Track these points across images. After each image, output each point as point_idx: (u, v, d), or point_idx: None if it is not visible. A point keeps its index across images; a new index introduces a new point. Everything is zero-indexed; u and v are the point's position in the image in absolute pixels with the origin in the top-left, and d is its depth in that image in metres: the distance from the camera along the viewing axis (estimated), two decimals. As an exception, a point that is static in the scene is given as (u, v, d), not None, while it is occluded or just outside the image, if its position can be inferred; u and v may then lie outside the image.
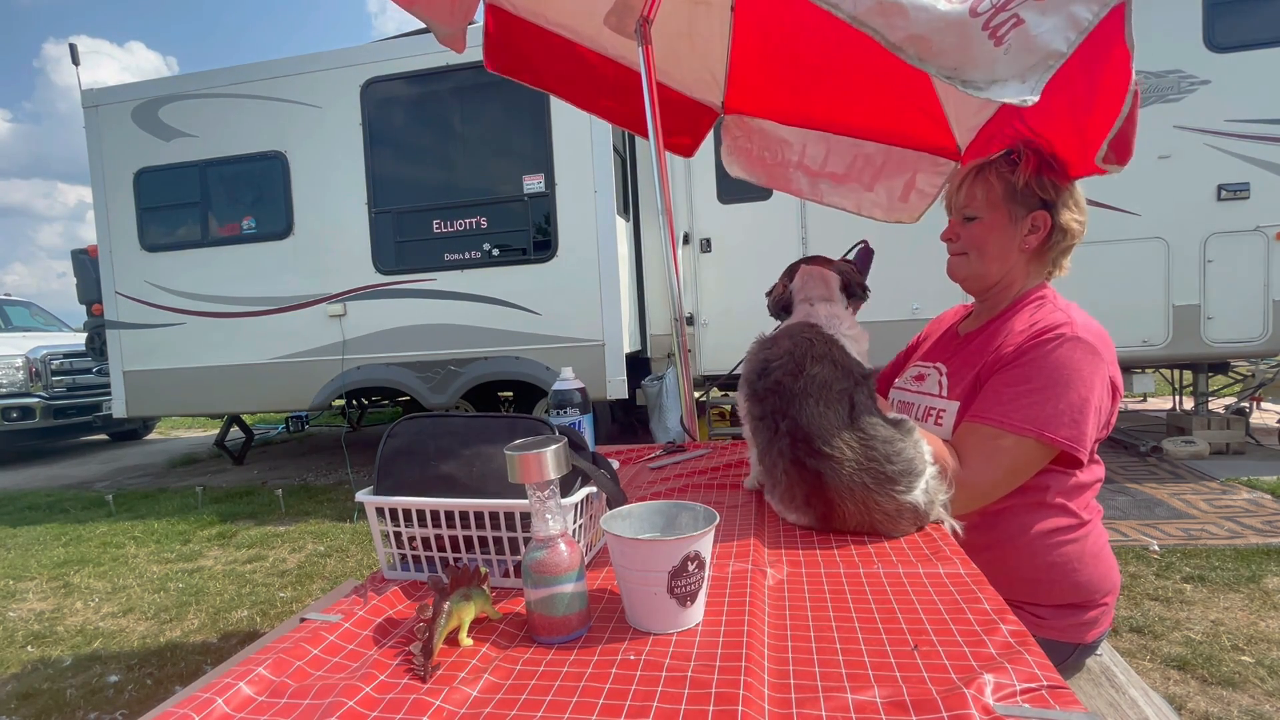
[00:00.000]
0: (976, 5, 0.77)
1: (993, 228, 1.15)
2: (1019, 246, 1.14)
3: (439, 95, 4.61)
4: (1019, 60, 0.77)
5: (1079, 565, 1.11)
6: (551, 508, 0.70)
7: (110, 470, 6.42)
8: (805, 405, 0.95)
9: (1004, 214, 1.14)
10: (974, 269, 1.19)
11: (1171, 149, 3.89)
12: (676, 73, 1.93)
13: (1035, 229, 1.13)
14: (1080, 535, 1.11)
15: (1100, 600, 1.13)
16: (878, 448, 0.92)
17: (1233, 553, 2.75)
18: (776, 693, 0.57)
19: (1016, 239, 1.14)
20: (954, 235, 1.21)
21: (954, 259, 1.22)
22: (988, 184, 1.14)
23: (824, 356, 0.99)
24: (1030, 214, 1.12)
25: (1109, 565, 1.15)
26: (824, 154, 1.91)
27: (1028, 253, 1.15)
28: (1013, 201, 1.13)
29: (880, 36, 0.79)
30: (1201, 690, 1.87)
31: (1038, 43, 0.76)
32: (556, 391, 1.26)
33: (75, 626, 2.79)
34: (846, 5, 0.80)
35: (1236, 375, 4.98)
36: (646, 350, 4.89)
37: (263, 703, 0.60)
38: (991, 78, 0.78)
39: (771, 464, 0.99)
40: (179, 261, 4.99)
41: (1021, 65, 0.77)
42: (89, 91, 5.05)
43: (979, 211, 1.16)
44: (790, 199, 4.41)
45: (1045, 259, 1.16)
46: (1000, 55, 0.77)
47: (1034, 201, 1.12)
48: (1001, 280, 1.18)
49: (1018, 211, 1.13)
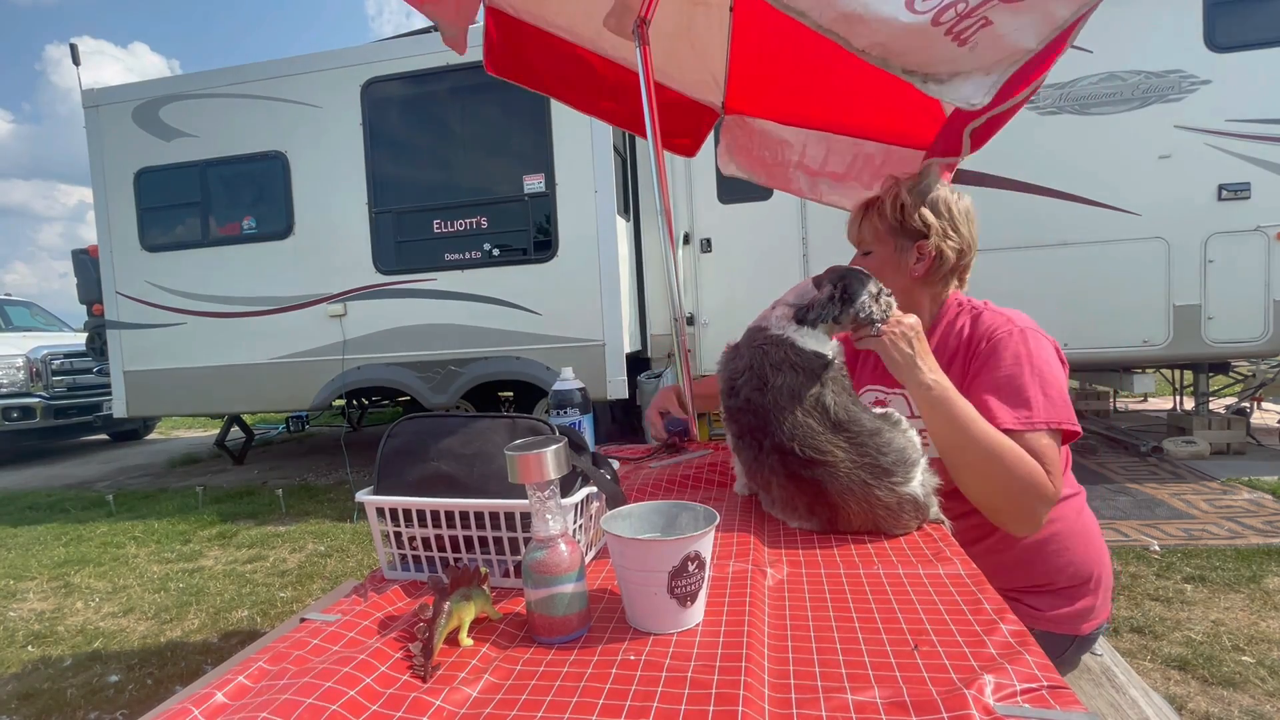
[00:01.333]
0: (939, 16, 0.78)
1: (885, 261, 1.22)
2: (909, 275, 1.21)
3: (439, 95, 4.61)
4: (984, 56, 0.79)
5: (1069, 544, 1.13)
6: (551, 508, 0.70)
7: (111, 470, 6.42)
8: (783, 419, 0.94)
9: (890, 246, 1.22)
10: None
11: (1172, 149, 3.89)
12: (677, 74, 1.93)
13: (921, 257, 1.19)
14: (1070, 513, 1.14)
15: (1091, 584, 1.15)
16: (868, 441, 0.92)
17: (1233, 553, 2.75)
18: (776, 693, 0.57)
19: (905, 269, 1.20)
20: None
21: None
22: (873, 221, 1.23)
23: (782, 363, 0.98)
24: (914, 244, 1.19)
25: (1099, 547, 1.17)
26: (824, 154, 1.91)
27: (919, 279, 1.21)
28: (898, 234, 1.21)
29: (845, 43, 0.84)
30: (1202, 690, 1.87)
31: (1005, 41, 0.78)
32: (556, 391, 1.26)
33: (75, 626, 2.79)
34: (813, 14, 0.83)
35: (1237, 375, 4.98)
36: (646, 350, 4.89)
37: (261, 687, 0.60)
38: (954, 71, 0.81)
39: (765, 481, 0.98)
40: (179, 261, 4.99)
41: (987, 60, 0.79)
42: (89, 91, 5.05)
43: (871, 246, 1.25)
44: (790, 199, 4.41)
45: (938, 280, 1.22)
46: (964, 53, 0.79)
47: (915, 233, 1.19)
48: (906, 306, 1.20)
49: (904, 243, 1.20)
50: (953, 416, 0.99)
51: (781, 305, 1.06)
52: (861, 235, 1.26)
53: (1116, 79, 3.91)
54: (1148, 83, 3.88)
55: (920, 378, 1.01)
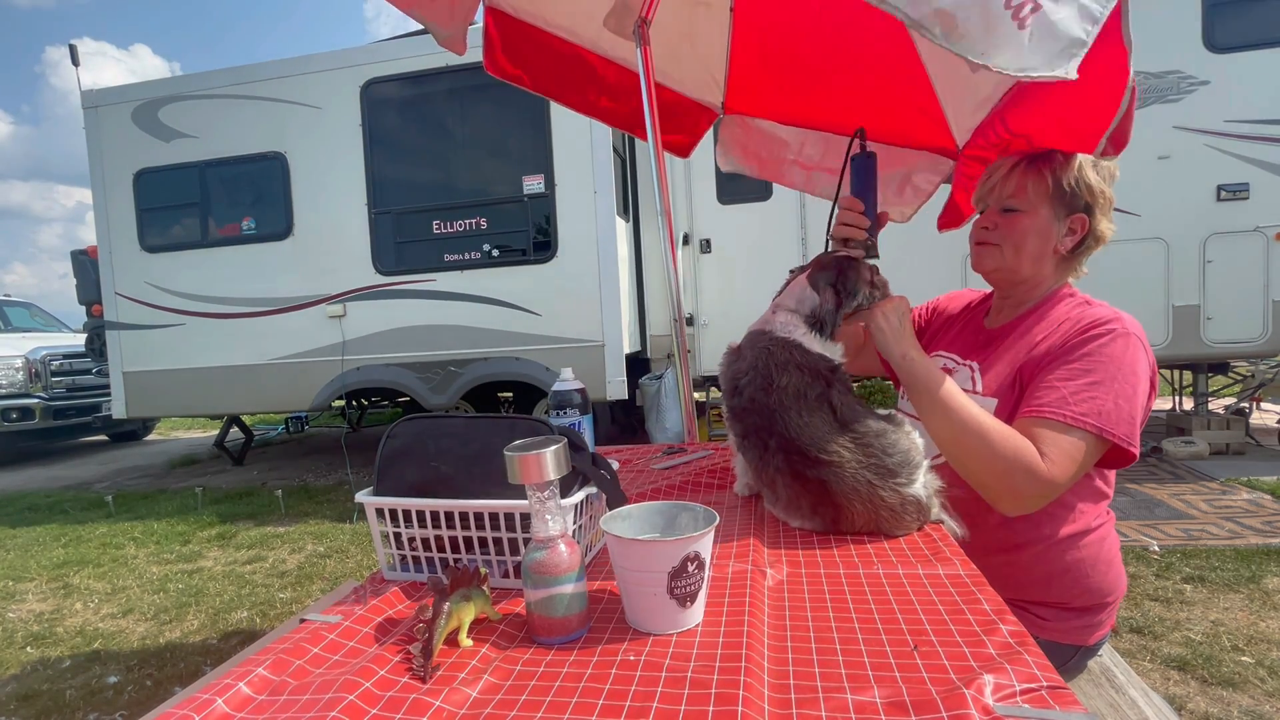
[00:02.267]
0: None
1: (1035, 222, 1.12)
2: (1055, 247, 1.12)
3: (439, 96, 4.61)
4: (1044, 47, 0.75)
5: (1092, 570, 1.10)
6: (551, 508, 0.70)
7: (110, 471, 6.42)
8: (789, 419, 0.94)
9: (1048, 211, 1.11)
10: (1007, 261, 1.15)
11: (1171, 149, 3.89)
12: (677, 74, 1.93)
13: (1072, 231, 1.11)
14: (1096, 539, 1.11)
15: (1107, 604, 1.13)
16: (873, 443, 0.92)
17: (1233, 553, 2.75)
18: (776, 693, 0.57)
19: (1054, 239, 1.12)
20: (992, 224, 1.16)
21: (984, 249, 1.18)
22: (1039, 177, 1.11)
23: (787, 363, 0.98)
24: (1070, 216, 1.11)
25: (1118, 571, 1.14)
26: (821, 152, 1.91)
27: (1060, 254, 1.13)
28: (1059, 201, 1.11)
29: (902, 14, 0.76)
30: (1201, 691, 1.87)
31: (1059, 29, 0.74)
32: (556, 392, 1.26)
33: (75, 627, 2.79)
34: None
35: (1236, 375, 4.98)
36: (646, 351, 4.89)
37: (262, 701, 0.60)
38: (1020, 65, 0.77)
39: (770, 480, 0.98)
40: (179, 262, 4.99)
41: (1048, 51, 0.75)
42: (89, 92, 5.05)
43: (1023, 205, 1.12)
44: (790, 199, 4.41)
45: (1074, 262, 1.16)
46: (1025, 40, 0.75)
47: (1078, 204, 1.10)
48: (1030, 278, 1.16)
49: (1060, 211, 1.11)
50: (930, 388, 1.03)
51: (783, 311, 1.06)
52: (1020, 188, 1.13)
53: (1115, 79, 3.92)
54: (1147, 83, 3.89)
55: (902, 349, 1.06)
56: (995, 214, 1.16)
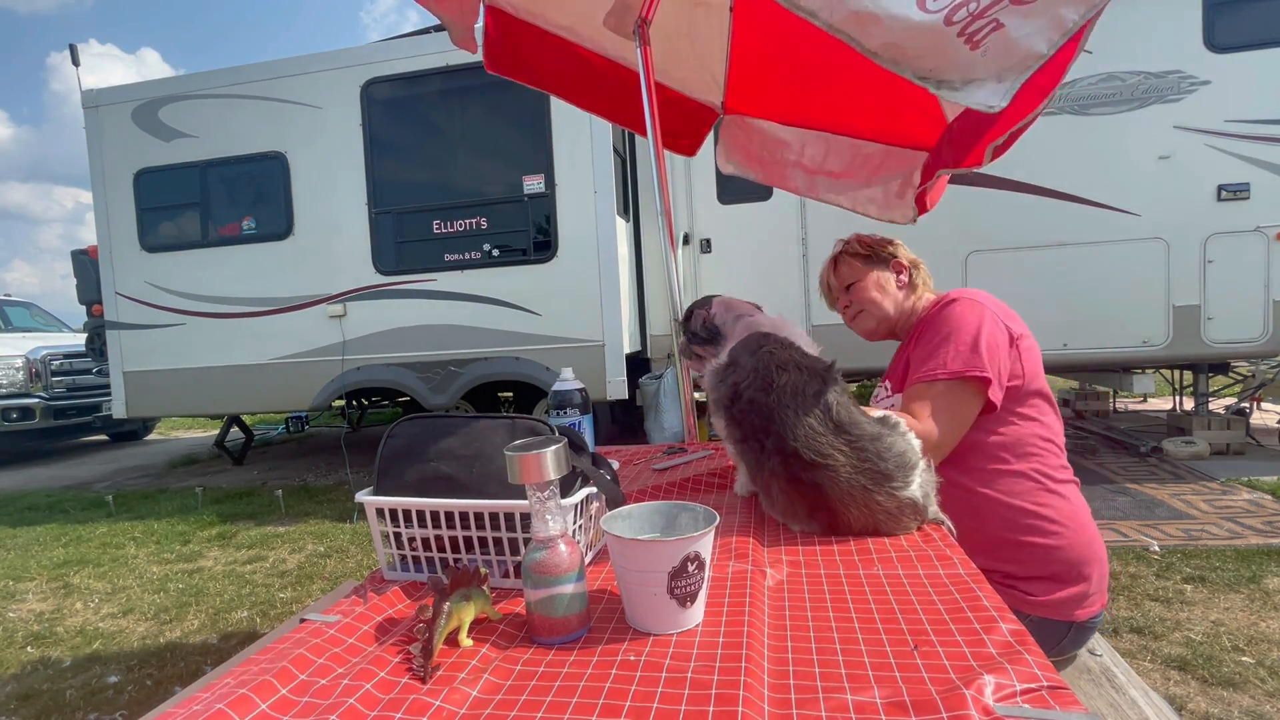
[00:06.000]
0: (951, 15, 0.78)
1: (871, 281, 1.42)
2: (897, 286, 1.41)
3: (439, 96, 4.61)
4: (997, 62, 0.78)
5: (1057, 529, 1.18)
6: (551, 508, 0.70)
7: (110, 471, 6.42)
8: (785, 419, 0.94)
9: (873, 271, 1.42)
10: (877, 314, 1.41)
11: (1171, 149, 3.89)
12: (677, 73, 1.93)
13: (899, 270, 1.42)
14: (1048, 499, 1.19)
15: (1084, 570, 1.18)
16: (868, 446, 0.93)
17: (1233, 553, 2.75)
18: (776, 693, 0.57)
19: (890, 283, 1.41)
20: (848, 302, 1.45)
21: (857, 321, 1.46)
22: (848, 262, 1.44)
23: (788, 362, 0.99)
24: (888, 264, 1.42)
25: (1090, 535, 1.21)
26: (823, 154, 1.91)
27: (904, 287, 1.42)
28: (871, 264, 1.42)
29: (856, 43, 0.83)
30: (1202, 691, 1.87)
31: (1017, 45, 0.77)
32: (556, 392, 1.26)
33: (75, 627, 2.79)
34: (824, 13, 0.82)
35: (1237, 376, 4.98)
36: (646, 351, 4.89)
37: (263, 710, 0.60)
38: (968, 77, 0.79)
39: (765, 484, 0.99)
40: (179, 262, 4.99)
41: (999, 66, 0.78)
42: (89, 92, 5.05)
43: (855, 277, 1.43)
44: (790, 200, 4.41)
45: (918, 287, 1.43)
46: (977, 58, 0.78)
47: (884, 257, 1.42)
48: (900, 316, 1.41)
49: (880, 267, 1.42)
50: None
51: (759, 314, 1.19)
52: (843, 274, 1.45)
53: (1116, 79, 3.92)
54: (1147, 83, 3.89)
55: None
56: (843, 296, 1.46)
